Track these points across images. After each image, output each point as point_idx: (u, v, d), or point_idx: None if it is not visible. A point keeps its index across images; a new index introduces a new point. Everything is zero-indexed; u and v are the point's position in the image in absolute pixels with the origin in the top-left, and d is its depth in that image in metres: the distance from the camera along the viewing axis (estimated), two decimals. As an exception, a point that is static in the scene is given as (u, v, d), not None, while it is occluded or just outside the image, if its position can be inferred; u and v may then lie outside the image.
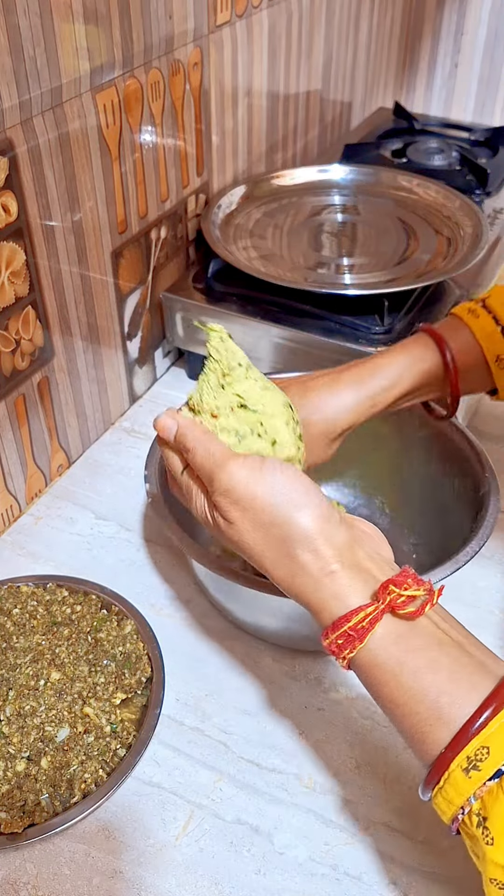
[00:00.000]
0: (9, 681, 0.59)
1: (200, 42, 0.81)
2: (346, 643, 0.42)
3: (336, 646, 0.42)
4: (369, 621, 0.41)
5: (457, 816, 0.39)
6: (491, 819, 0.37)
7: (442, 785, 0.39)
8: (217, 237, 0.87)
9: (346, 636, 0.41)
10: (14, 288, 0.65)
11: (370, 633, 0.41)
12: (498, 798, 0.37)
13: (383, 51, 1.34)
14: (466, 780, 0.38)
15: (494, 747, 0.37)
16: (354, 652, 0.42)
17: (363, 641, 0.41)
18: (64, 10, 0.61)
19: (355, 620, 0.41)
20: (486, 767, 0.37)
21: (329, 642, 0.42)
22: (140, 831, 0.53)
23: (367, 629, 0.41)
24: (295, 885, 0.51)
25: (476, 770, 0.37)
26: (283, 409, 0.50)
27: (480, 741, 0.38)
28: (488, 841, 0.37)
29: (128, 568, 0.71)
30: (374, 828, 0.54)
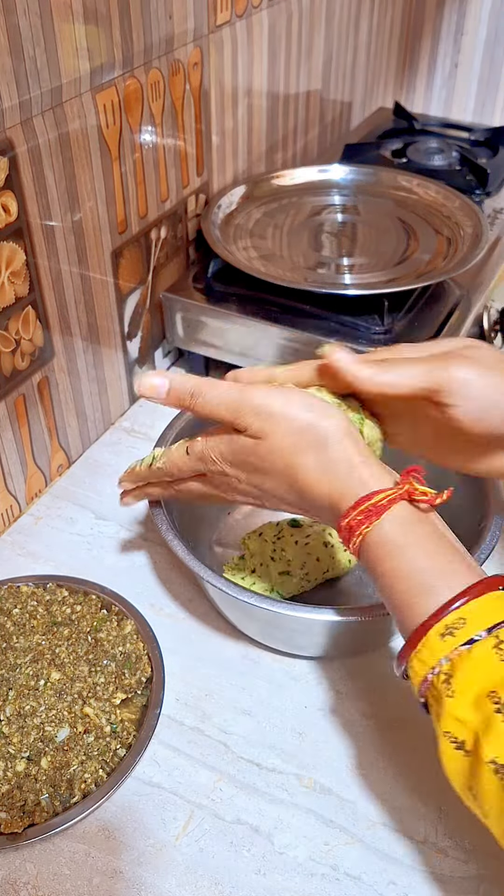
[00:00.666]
0: (9, 681, 0.59)
1: (200, 42, 0.81)
2: (365, 518, 0.46)
3: (355, 521, 0.46)
4: (388, 500, 0.46)
5: (427, 677, 0.43)
6: (456, 675, 0.41)
7: (419, 648, 0.43)
8: (217, 237, 0.87)
9: (366, 512, 0.46)
10: (14, 288, 0.65)
11: (388, 510, 0.46)
12: (466, 660, 0.41)
13: (383, 51, 1.34)
14: (441, 643, 0.42)
15: (470, 620, 0.42)
16: (371, 527, 0.46)
17: (380, 517, 0.46)
18: (64, 10, 0.61)
19: (377, 499, 0.46)
20: (461, 635, 0.42)
21: (349, 520, 0.47)
22: (140, 831, 0.54)
23: (385, 507, 0.46)
24: (295, 885, 0.51)
25: (451, 636, 0.42)
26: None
27: (459, 614, 0.42)
28: (450, 694, 0.41)
29: (128, 568, 0.71)
30: (374, 828, 0.54)
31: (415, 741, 0.58)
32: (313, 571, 0.65)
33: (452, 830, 0.53)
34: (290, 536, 0.66)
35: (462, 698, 0.41)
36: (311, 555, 0.65)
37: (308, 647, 0.63)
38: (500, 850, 0.52)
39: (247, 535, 0.69)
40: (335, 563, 0.66)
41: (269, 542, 0.66)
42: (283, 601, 0.58)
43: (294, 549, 0.65)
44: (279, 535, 0.67)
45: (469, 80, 1.51)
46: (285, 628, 0.61)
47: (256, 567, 0.66)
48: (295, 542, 0.66)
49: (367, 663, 0.63)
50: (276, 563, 0.65)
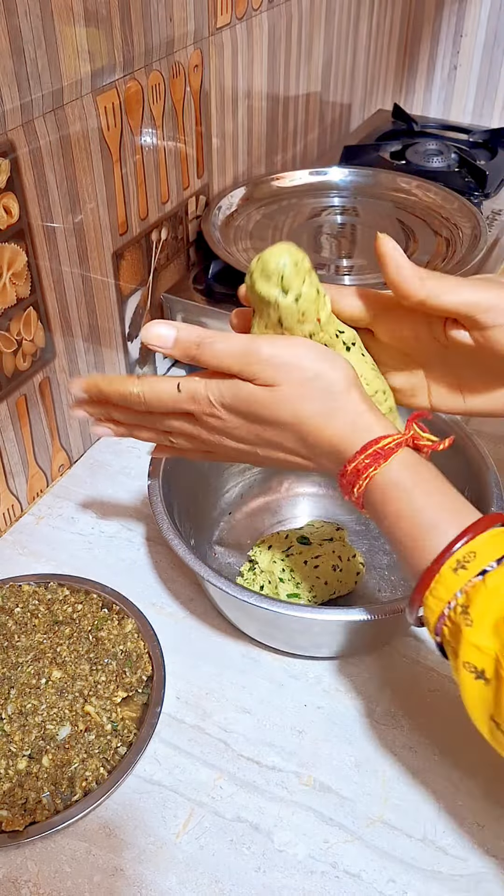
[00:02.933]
0: (10, 679, 0.59)
1: (201, 44, 0.81)
2: (373, 461, 0.47)
3: (363, 465, 0.47)
4: (395, 444, 0.47)
5: (444, 612, 0.43)
6: (472, 605, 0.42)
7: (433, 586, 0.43)
8: (217, 239, 0.87)
9: (373, 455, 0.47)
10: (16, 289, 0.66)
11: (394, 454, 0.47)
12: (480, 590, 0.42)
13: (382, 53, 1.35)
14: (455, 577, 0.43)
15: (480, 552, 0.43)
16: (378, 469, 0.47)
17: (387, 460, 0.47)
18: (65, 13, 0.61)
19: (384, 443, 0.47)
20: (473, 567, 0.42)
21: (356, 464, 0.47)
22: (141, 829, 0.54)
23: (392, 450, 0.47)
24: (294, 883, 0.51)
25: (464, 569, 0.42)
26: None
27: (469, 548, 0.43)
28: (468, 623, 0.42)
29: (129, 567, 0.71)
30: (373, 826, 0.54)
31: (414, 740, 0.59)
32: (321, 594, 0.66)
33: (452, 828, 0.54)
34: (299, 555, 0.67)
35: (480, 626, 0.41)
36: (319, 578, 0.66)
37: (308, 646, 0.63)
38: (499, 849, 0.53)
39: (256, 545, 0.70)
40: (342, 585, 0.67)
41: (279, 561, 0.67)
42: (283, 601, 0.58)
43: (303, 571, 0.66)
44: (288, 552, 0.67)
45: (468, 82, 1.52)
46: (285, 628, 0.61)
47: (265, 584, 0.66)
48: (304, 563, 0.66)
49: (367, 662, 0.64)
50: (285, 585, 0.66)
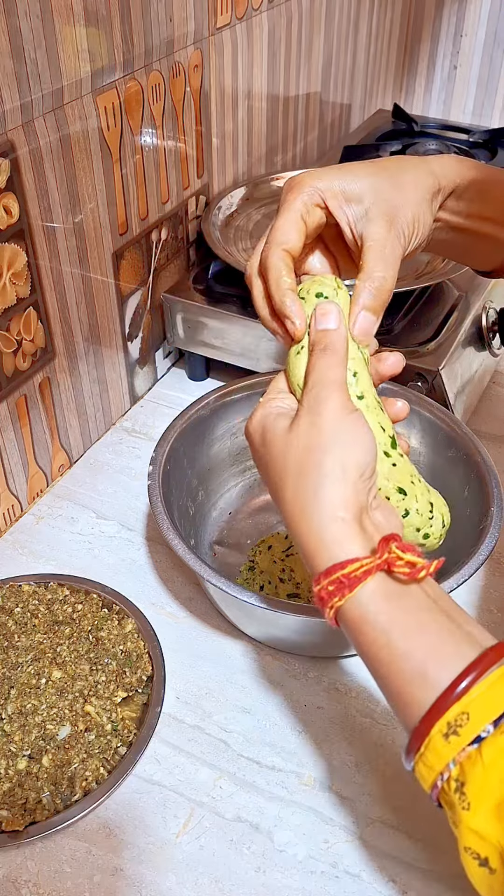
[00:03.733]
0: (10, 679, 0.59)
1: (201, 44, 0.81)
2: (337, 590, 0.41)
3: (326, 592, 0.42)
4: (363, 572, 0.41)
5: (436, 783, 0.38)
6: (468, 784, 0.37)
7: (422, 751, 0.39)
8: (217, 239, 0.87)
9: (337, 583, 0.41)
10: (16, 289, 0.66)
11: (362, 583, 0.41)
12: (476, 764, 0.37)
13: (382, 53, 1.35)
14: (446, 745, 0.38)
15: (474, 713, 0.37)
16: (343, 601, 0.41)
17: (353, 591, 0.41)
18: (65, 13, 0.61)
19: (350, 569, 0.41)
20: (465, 733, 0.37)
21: (320, 588, 0.42)
22: (141, 829, 0.54)
23: (359, 579, 0.41)
24: (294, 883, 0.51)
25: (455, 735, 0.37)
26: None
27: (461, 707, 0.37)
28: (465, 806, 0.37)
29: (129, 567, 0.71)
30: (373, 825, 0.54)
31: (414, 739, 0.59)
32: None
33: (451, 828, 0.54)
34: (298, 555, 0.67)
35: (479, 809, 0.36)
36: None
37: (307, 646, 0.63)
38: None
39: (256, 545, 0.70)
40: None
41: (279, 562, 0.66)
42: (283, 601, 0.58)
43: (303, 571, 0.66)
44: (288, 553, 0.67)
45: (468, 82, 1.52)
46: (285, 628, 0.61)
47: (265, 584, 0.66)
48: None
49: (367, 662, 0.64)
50: (284, 585, 0.65)
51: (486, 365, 0.88)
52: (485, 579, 0.70)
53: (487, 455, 0.65)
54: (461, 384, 0.80)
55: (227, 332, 0.84)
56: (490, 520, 0.60)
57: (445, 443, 0.69)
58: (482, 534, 0.59)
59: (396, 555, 0.41)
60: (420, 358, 0.76)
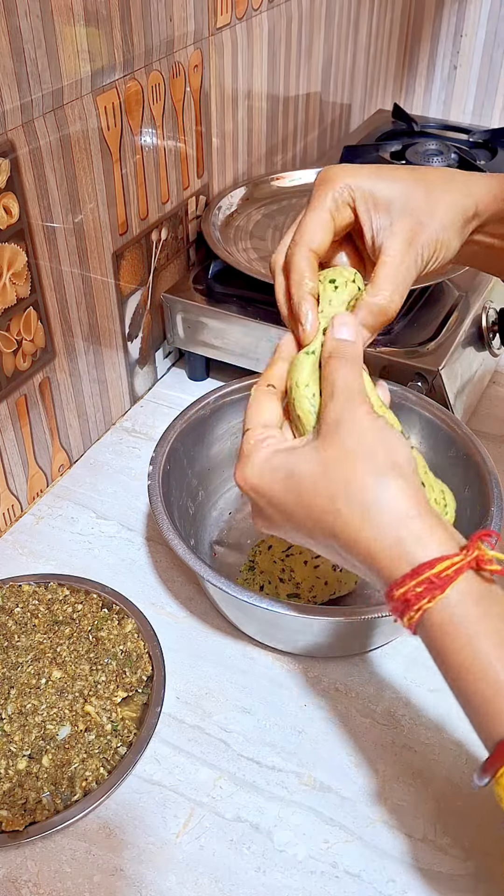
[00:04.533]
0: (10, 679, 0.59)
1: (201, 44, 0.81)
2: (426, 591, 0.38)
3: (413, 594, 0.38)
4: (455, 570, 0.38)
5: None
6: None
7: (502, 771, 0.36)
8: (217, 239, 0.87)
9: (427, 583, 0.38)
10: (16, 289, 0.66)
11: (454, 582, 0.38)
12: None
13: (382, 53, 1.35)
14: None
15: None
16: (434, 602, 0.38)
17: (444, 591, 0.38)
18: (65, 13, 0.61)
19: (440, 567, 0.38)
20: None
21: (405, 590, 0.39)
22: (141, 829, 0.54)
23: (451, 578, 0.38)
24: (294, 883, 0.51)
25: None
26: None
27: None
28: None
29: (129, 567, 0.71)
30: (373, 826, 0.54)
31: (413, 739, 0.59)
32: (321, 594, 0.66)
33: (451, 828, 0.54)
34: (299, 555, 0.66)
35: None
36: (319, 578, 0.65)
37: (307, 646, 0.63)
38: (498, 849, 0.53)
39: (256, 545, 0.70)
40: (342, 585, 0.67)
41: (279, 561, 0.66)
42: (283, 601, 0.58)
43: (304, 571, 0.66)
44: (288, 553, 0.67)
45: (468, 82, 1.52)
46: (285, 628, 0.61)
47: (265, 584, 0.66)
48: (304, 563, 0.66)
49: (367, 662, 0.64)
50: (284, 585, 0.65)
51: (486, 365, 0.88)
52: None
53: (487, 455, 0.65)
54: (461, 384, 0.80)
55: (227, 332, 0.84)
56: (490, 520, 0.60)
57: (445, 443, 0.69)
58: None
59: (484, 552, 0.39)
60: (420, 358, 0.76)
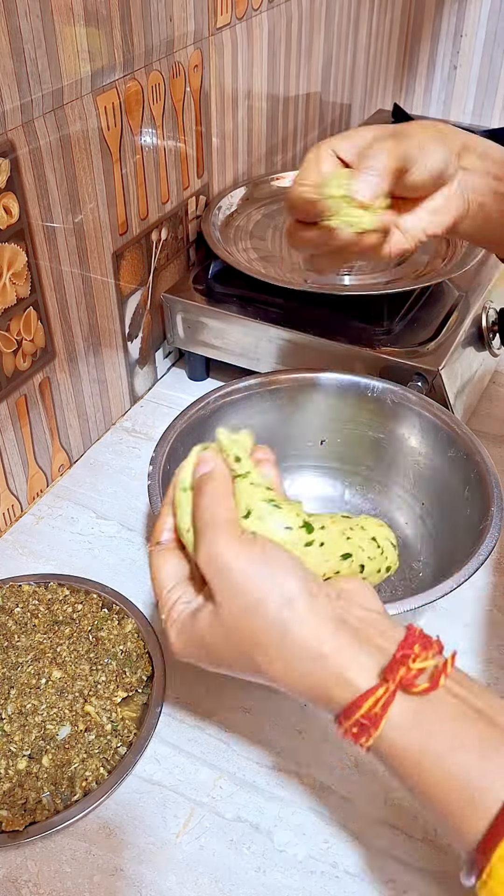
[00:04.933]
0: (10, 679, 0.59)
1: (201, 44, 0.81)
2: (361, 732, 0.38)
3: (352, 734, 0.39)
4: (381, 706, 0.38)
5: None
6: None
7: (485, 879, 0.36)
8: (217, 238, 0.87)
9: (359, 725, 0.38)
10: (15, 289, 0.66)
11: (384, 718, 0.38)
12: None
13: (382, 53, 1.35)
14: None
15: None
16: (371, 740, 0.38)
17: (378, 728, 0.38)
18: (65, 13, 0.61)
19: (366, 706, 0.38)
20: None
21: (344, 731, 0.39)
22: (141, 829, 0.54)
23: (380, 715, 0.38)
24: (294, 883, 0.51)
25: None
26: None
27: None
28: None
29: (129, 567, 0.71)
30: (373, 826, 0.54)
31: (414, 739, 0.59)
32: None
33: None
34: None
35: None
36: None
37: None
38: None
39: None
40: None
41: None
42: None
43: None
44: None
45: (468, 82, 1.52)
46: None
47: None
48: None
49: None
50: None
51: (486, 365, 0.88)
52: (485, 579, 0.70)
53: (487, 455, 0.65)
54: (461, 384, 0.80)
55: (227, 332, 0.84)
56: (490, 520, 0.60)
57: (445, 443, 0.69)
58: (482, 534, 0.59)
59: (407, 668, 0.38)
60: (420, 358, 0.76)
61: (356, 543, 0.48)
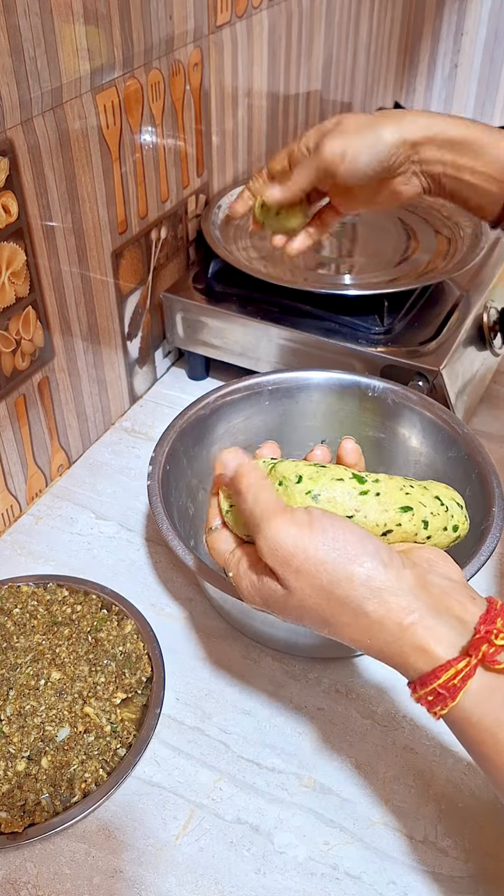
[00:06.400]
0: (9, 680, 0.59)
1: (200, 42, 0.81)
2: (437, 700, 0.39)
3: (426, 702, 0.40)
4: (461, 679, 0.38)
5: None
6: None
7: None
8: (217, 237, 0.87)
9: (435, 693, 0.39)
10: (14, 288, 0.66)
11: (462, 690, 0.38)
12: None
13: (383, 51, 1.34)
14: None
15: None
16: (447, 709, 0.39)
17: (455, 700, 0.38)
18: (64, 11, 0.61)
19: (445, 677, 0.38)
20: None
21: (418, 697, 0.40)
22: (140, 831, 0.54)
23: (458, 687, 0.38)
24: (295, 885, 0.51)
25: None
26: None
27: None
28: None
29: (128, 568, 0.71)
30: (373, 827, 0.54)
31: (414, 741, 0.58)
32: None
33: (452, 830, 0.54)
34: None
35: None
36: None
37: (307, 647, 0.63)
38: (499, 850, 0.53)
39: None
40: None
41: None
42: None
43: None
44: None
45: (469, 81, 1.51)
46: (285, 629, 0.61)
47: None
48: None
49: (367, 663, 0.63)
50: None
51: (488, 364, 0.88)
52: (487, 580, 0.70)
53: (488, 455, 0.65)
54: (462, 384, 0.80)
55: (227, 331, 0.84)
56: (492, 520, 0.60)
57: (446, 443, 0.69)
58: (484, 534, 0.59)
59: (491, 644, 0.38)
60: (421, 358, 0.76)
61: (416, 498, 0.48)
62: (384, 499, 0.46)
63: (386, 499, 0.46)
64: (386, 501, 0.46)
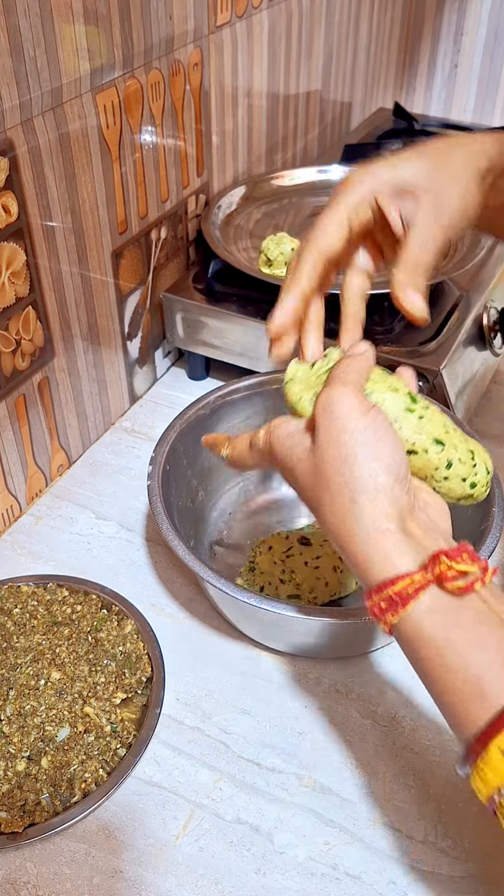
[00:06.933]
0: (9, 680, 0.59)
1: (200, 42, 0.81)
2: (389, 607, 0.41)
3: (378, 609, 0.42)
4: (414, 589, 0.41)
5: (493, 797, 0.38)
6: None
7: (479, 766, 0.39)
8: (217, 238, 0.87)
9: (389, 600, 0.41)
10: (14, 288, 0.66)
11: (414, 600, 0.41)
12: None
13: (383, 51, 1.34)
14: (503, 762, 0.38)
15: None
16: (396, 617, 0.41)
17: (405, 608, 0.41)
18: (64, 11, 0.61)
19: (401, 585, 0.41)
20: None
21: (372, 604, 0.42)
22: (140, 831, 0.54)
23: (411, 596, 0.41)
24: (295, 885, 0.51)
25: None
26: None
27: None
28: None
29: (128, 568, 0.71)
30: (373, 827, 0.54)
31: (414, 741, 0.58)
32: (321, 595, 0.65)
33: (452, 830, 0.54)
34: (299, 556, 0.66)
35: None
36: (320, 579, 0.65)
37: (308, 647, 0.63)
38: (500, 850, 0.53)
39: (256, 545, 0.69)
40: (343, 586, 0.66)
41: (279, 562, 0.66)
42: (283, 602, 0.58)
43: (304, 572, 0.65)
44: (289, 553, 0.67)
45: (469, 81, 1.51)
46: (285, 629, 0.61)
47: (265, 585, 0.66)
48: (305, 564, 0.66)
49: (367, 663, 0.63)
50: (285, 586, 0.65)
51: (488, 364, 0.88)
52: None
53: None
54: (462, 384, 0.80)
55: (227, 331, 0.84)
56: (491, 520, 0.60)
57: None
58: (484, 534, 0.59)
59: (448, 566, 0.40)
60: (421, 358, 0.76)
61: (452, 441, 0.49)
62: (424, 423, 0.48)
63: (426, 424, 0.48)
64: (424, 427, 0.48)
